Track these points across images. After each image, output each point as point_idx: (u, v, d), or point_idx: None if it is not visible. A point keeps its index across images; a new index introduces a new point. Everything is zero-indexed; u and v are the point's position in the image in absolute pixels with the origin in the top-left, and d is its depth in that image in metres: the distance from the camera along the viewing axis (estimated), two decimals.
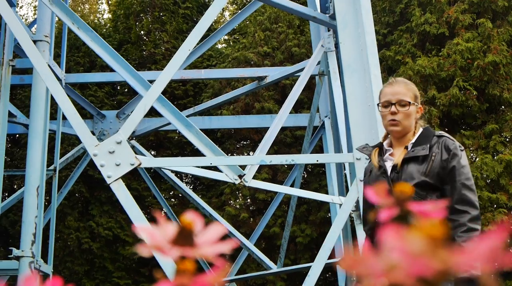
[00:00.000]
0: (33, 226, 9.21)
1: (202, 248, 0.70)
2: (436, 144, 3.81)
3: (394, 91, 3.91)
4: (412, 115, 3.89)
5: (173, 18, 17.11)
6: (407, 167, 3.76)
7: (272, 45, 16.02)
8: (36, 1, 27.25)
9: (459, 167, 3.71)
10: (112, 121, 13.16)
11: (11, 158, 16.24)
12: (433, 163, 3.73)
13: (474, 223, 3.60)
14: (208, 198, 15.42)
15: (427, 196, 3.68)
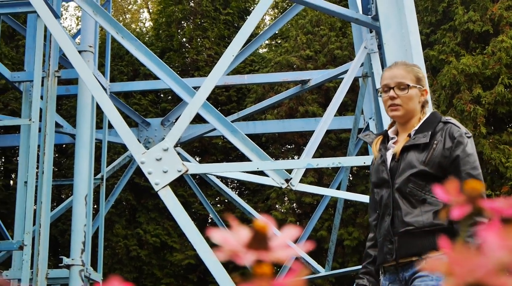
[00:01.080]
0: (82, 235, 9.30)
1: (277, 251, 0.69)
2: (440, 131, 3.55)
3: (393, 75, 3.69)
4: (414, 99, 3.64)
5: (215, 24, 17.17)
6: (407, 155, 3.54)
7: (315, 48, 15.98)
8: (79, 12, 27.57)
9: (464, 155, 3.45)
10: (157, 129, 13.24)
11: (59, 167, 16.43)
12: (434, 152, 3.49)
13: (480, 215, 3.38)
14: (254, 202, 15.43)
15: (427, 185, 3.44)
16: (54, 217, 11.65)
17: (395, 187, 3.51)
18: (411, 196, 3.46)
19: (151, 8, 28.11)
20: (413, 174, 3.46)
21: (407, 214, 3.43)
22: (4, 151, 16.90)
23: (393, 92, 3.63)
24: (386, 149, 3.68)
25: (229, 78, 12.13)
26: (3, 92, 15.58)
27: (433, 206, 3.40)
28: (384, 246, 3.54)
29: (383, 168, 3.62)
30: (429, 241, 3.35)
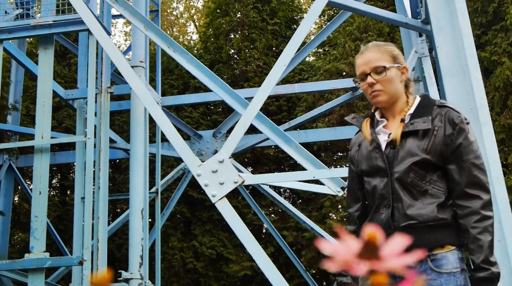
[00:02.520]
0: (139, 248, 9.37)
1: (389, 260, 0.68)
2: (438, 115, 3.26)
3: (366, 60, 3.36)
4: (395, 80, 3.33)
5: (262, 35, 17.22)
6: (406, 142, 3.22)
7: None
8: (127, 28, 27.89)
9: (467, 143, 3.19)
10: (209, 141, 13.30)
11: (113, 182, 16.60)
12: (435, 138, 3.19)
13: (487, 209, 3.13)
14: (308, 211, 15.38)
15: (427, 175, 3.18)
16: (110, 232, 11.78)
17: (395, 176, 3.21)
18: (412, 186, 3.18)
19: (197, 21, 28.33)
20: (414, 162, 3.18)
21: (409, 206, 3.16)
22: (59, 167, 17.15)
23: (371, 78, 3.32)
24: (376, 133, 3.36)
25: (279, 88, 12.14)
26: (57, 110, 15.82)
27: (435, 198, 3.17)
28: None
29: (377, 155, 3.29)
30: (434, 237, 3.14)
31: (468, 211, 3.11)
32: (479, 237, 3.06)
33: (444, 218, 3.14)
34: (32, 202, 8.47)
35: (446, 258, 3.10)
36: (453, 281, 3.08)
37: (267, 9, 17.62)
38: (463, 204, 3.13)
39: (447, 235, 3.14)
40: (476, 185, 3.14)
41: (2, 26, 9.07)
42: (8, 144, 10.16)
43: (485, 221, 3.10)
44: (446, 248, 3.12)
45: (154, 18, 12.30)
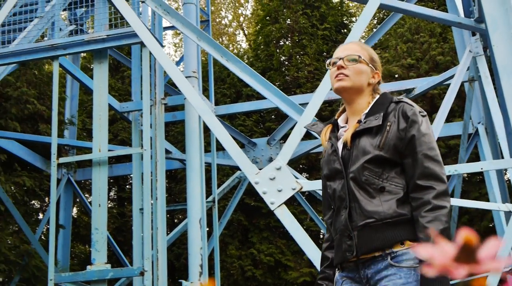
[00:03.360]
0: (199, 258, 9.42)
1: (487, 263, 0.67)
2: (393, 111, 3.20)
3: (345, 48, 3.41)
4: (364, 75, 3.31)
5: (313, 40, 17.20)
6: (359, 141, 3.18)
7: (416, 56, 15.76)
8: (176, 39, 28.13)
9: (419, 135, 3.11)
10: (263, 148, 13.33)
11: (169, 193, 16.72)
12: (388, 134, 3.14)
13: (440, 199, 3.01)
14: None
15: (384, 172, 3.11)
16: (169, 242, 11.87)
17: (349, 176, 3.16)
18: (367, 184, 3.11)
19: (246, 29, 28.43)
20: (367, 160, 3.12)
21: (365, 205, 3.09)
22: (116, 180, 17.35)
23: (342, 61, 3.30)
24: (337, 138, 3.34)
25: (332, 92, 12.08)
26: (112, 123, 16.01)
27: (393, 194, 3.08)
28: (343, 242, 3.18)
29: (335, 158, 3.27)
30: (393, 234, 3.04)
31: (420, 202, 3.02)
32: (427, 225, 2.94)
33: (403, 213, 3.05)
34: (92, 215, 8.58)
35: (407, 254, 2.99)
36: (413, 275, 2.96)
37: (316, 14, 17.59)
38: (416, 196, 3.04)
39: (407, 231, 3.04)
40: (428, 176, 3.05)
41: (57, 42, 9.23)
42: (67, 158, 10.32)
43: (436, 210, 2.97)
44: (406, 245, 3.02)
45: (205, 28, 12.40)
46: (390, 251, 3.02)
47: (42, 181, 13.03)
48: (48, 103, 12.76)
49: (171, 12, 8.22)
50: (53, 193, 8.78)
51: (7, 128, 12.02)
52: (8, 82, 12.26)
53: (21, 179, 12.24)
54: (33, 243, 11.95)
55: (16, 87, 12.36)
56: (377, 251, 3.05)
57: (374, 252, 3.06)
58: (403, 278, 2.96)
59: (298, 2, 17.60)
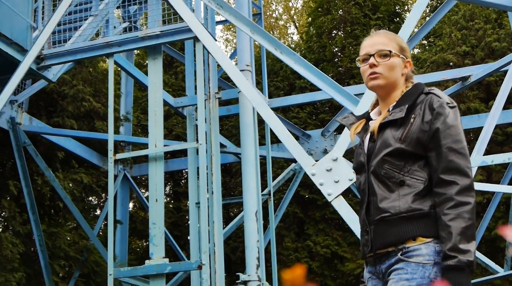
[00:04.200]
0: (256, 250, 9.42)
1: None
2: (420, 103, 3.08)
3: (373, 42, 3.24)
4: (397, 68, 3.18)
5: (366, 30, 17.04)
6: (383, 133, 3.09)
7: (471, 43, 15.51)
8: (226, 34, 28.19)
9: (444, 128, 2.98)
10: (318, 140, 13.29)
11: (225, 186, 16.77)
12: (411, 127, 3.02)
13: (464, 195, 2.89)
14: None
15: (405, 166, 3.01)
16: (225, 235, 11.91)
17: (370, 170, 3.10)
18: (387, 178, 3.03)
19: (297, 21, 28.34)
20: (387, 153, 3.03)
21: (383, 199, 3.02)
22: (172, 174, 17.46)
23: (373, 59, 3.18)
24: (367, 131, 3.25)
25: None
26: (166, 118, 16.12)
27: (412, 188, 2.98)
28: (362, 237, 3.14)
29: (360, 151, 3.22)
30: (406, 229, 2.95)
31: (443, 198, 2.91)
32: (449, 223, 2.85)
33: (419, 208, 2.96)
34: (150, 210, 8.64)
35: (419, 250, 2.92)
36: (420, 271, 2.89)
37: (368, 4, 17.45)
38: (439, 191, 2.94)
39: (421, 226, 2.94)
40: (452, 170, 2.93)
41: (112, 40, 9.31)
42: (123, 154, 10.40)
43: (459, 207, 2.87)
44: (418, 241, 2.93)
45: (258, 21, 12.39)
46: (402, 247, 2.95)
47: (99, 177, 13.19)
48: (103, 101, 12.91)
49: (224, 6, 8.22)
50: (110, 189, 8.86)
51: (64, 126, 12.19)
52: (64, 81, 12.44)
53: (78, 176, 12.42)
54: (91, 239, 12.11)
55: (72, 86, 12.53)
56: (391, 246, 2.99)
57: (387, 247, 3.00)
58: (409, 273, 2.90)
59: None
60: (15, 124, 11.04)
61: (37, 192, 11.60)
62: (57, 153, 12.25)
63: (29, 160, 11.32)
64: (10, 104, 11.02)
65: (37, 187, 11.64)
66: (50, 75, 10.26)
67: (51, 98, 12.69)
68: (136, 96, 16.34)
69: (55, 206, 12.53)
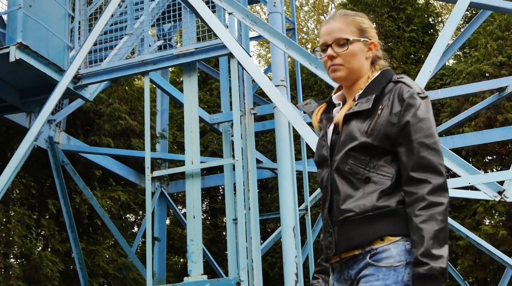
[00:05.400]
0: (294, 266, 9.37)
1: None
2: (388, 93, 2.82)
3: (329, 29, 2.96)
4: (359, 55, 2.91)
5: (400, 43, 17.01)
6: (348, 126, 2.82)
7: (507, 53, 15.37)
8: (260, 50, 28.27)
9: (415, 121, 2.72)
10: None
11: (261, 202, 16.78)
12: (378, 119, 2.76)
13: (436, 195, 2.65)
14: (460, 219, 14.97)
15: (371, 161, 2.76)
16: (263, 251, 11.88)
17: (334, 165, 2.82)
18: (351, 174, 2.77)
19: None
20: (352, 147, 2.77)
21: (346, 198, 2.76)
22: (208, 191, 17.51)
23: (331, 50, 2.91)
24: (330, 120, 2.98)
25: None
26: (202, 135, 16.18)
27: (378, 185, 2.74)
28: (325, 239, 2.88)
29: (323, 143, 2.94)
30: (373, 229, 2.71)
31: (414, 198, 2.66)
32: (421, 226, 2.61)
33: (386, 205, 2.71)
34: (187, 227, 8.66)
35: (388, 251, 2.68)
36: (392, 276, 2.65)
37: (402, 16, 17.40)
38: (410, 190, 2.69)
39: (389, 224, 2.70)
40: (424, 168, 2.68)
41: (148, 58, 9.38)
42: (161, 172, 10.47)
43: (432, 208, 2.63)
44: (387, 240, 2.69)
45: (291, 36, 12.39)
46: (369, 248, 2.71)
47: (136, 194, 13.27)
48: (139, 118, 13.01)
49: (258, 22, 8.24)
50: (148, 206, 8.91)
51: (101, 145, 12.30)
52: (101, 99, 12.56)
53: (116, 194, 12.50)
54: (130, 256, 12.16)
55: (109, 104, 12.64)
56: (357, 248, 2.74)
57: (354, 250, 2.75)
58: (380, 279, 2.66)
59: (383, 5, 17.44)
60: (53, 143, 11.16)
61: (75, 210, 11.69)
62: (95, 171, 12.35)
63: (67, 178, 11.42)
64: (48, 124, 11.14)
65: (75, 205, 11.73)
66: (87, 94, 10.36)
67: (88, 117, 12.82)
68: (172, 113, 16.44)
69: (93, 224, 12.62)
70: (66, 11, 10.60)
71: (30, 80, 10.12)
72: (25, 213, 11.03)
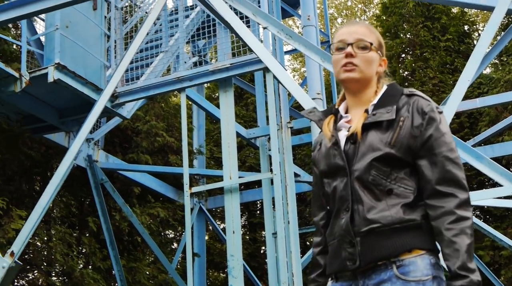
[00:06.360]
0: None
1: None
2: (405, 105, 2.80)
3: (352, 30, 2.93)
4: (374, 63, 2.91)
5: (435, 52, 16.89)
6: (367, 136, 2.77)
7: None
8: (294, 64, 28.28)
9: (438, 135, 2.73)
10: None
11: (300, 216, 16.71)
12: (400, 130, 2.74)
13: (464, 209, 2.65)
14: (503, 228, 14.76)
15: (392, 173, 2.74)
16: (302, 265, 11.81)
17: (354, 175, 2.77)
18: (374, 185, 2.73)
19: None
20: (376, 158, 2.73)
21: (370, 208, 2.72)
22: (246, 206, 17.50)
23: (351, 48, 2.88)
24: (337, 129, 2.91)
25: (460, 104, 11.81)
26: (239, 150, 16.20)
27: (401, 198, 2.71)
28: (342, 250, 2.78)
29: (336, 152, 2.85)
30: (401, 241, 2.67)
31: (442, 212, 2.65)
32: (454, 239, 2.60)
33: (412, 218, 2.69)
34: (227, 242, 8.65)
35: (415, 264, 2.64)
36: None
37: (437, 26, 17.29)
38: (436, 204, 2.68)
39: (416, 237, 2.68)
40: (450, 182, 2.68)
41: (184, 74, 9.43)
42: (199, 187, 10.48)
43: (461, 222, 2.62)
44: (414, 253, 2.66)
45: (326, 49, 12.38)
46: (395, 259, 2.66)
47: (175, 211, 13.31)
48: (176, 135, 13.06)
49: (293, 36, 8.24)
50: (187, 222, 8.92)
51: (139, 162, 12.36)
52: (138, 117, 12.64)
53: (155, 210, 12.55)
54: (170, 273, 12.18)
55: (146, 121, 12.72)
56: (383, 259, 2.68)
57: (378, 261, 2.69)
58: None
59: (417, 16, 17.35)
60: (92, 161, 11.24)
61: (115, 227, 11.76)
62: (134, 188, 12.42)
63: (106, 196, 11.50)
64: (87, 143, 11.23)
65: (115, 223, 11.80)
66: (124, 112, 10.44)
67: (125, 134, 12.90)
68: (208, 129, 16.49)
69: (133, 241, 12.67)
70: (102, 30, 10.71)
71: (68, 100, 10.22)
72: (66, 231, 11.12)
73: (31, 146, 11.00)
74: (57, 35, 9.59)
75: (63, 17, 9.83)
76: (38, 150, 11.24)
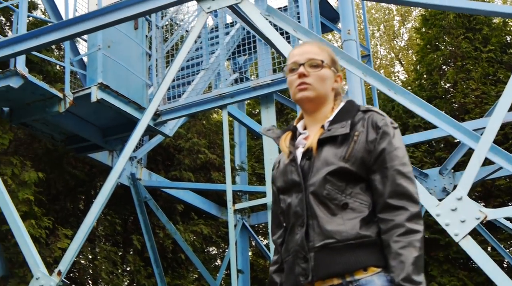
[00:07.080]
0: None
1: None
2: (361, 120, 2.81)
3: (303, 51, 2.98)
4: (328, 82, 2.93)
5: (478, 64, 16.72)
6: (322, 151, 2.78)
7: None
8: None
9: (391, 149, 2.73)
10: (436, 179, 13.01)
11: None
12: (355, 145, 2.74)
13: (414, 222, 2.63)
14: None
15: (347, 187, 2.72)
16: None
17: (310, 190, 2.76)
18: (329, 200, 2.71)
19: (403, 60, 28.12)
20: (330, 172, 2.72)
21: (325, 223, 2.69)
22: None
23: (303, 68, 2.92)
24: (295, 147, 2.93)
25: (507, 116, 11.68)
26: None
27: (356, 212, 2.69)
28: (296, 265, 2.76)
29: (293, 168, 2.86)
30: (355, 258, 2.63)
31: (392, 225, 2.63)
32: (401, 252, 2.57)
33: (368, 235, 2.66)
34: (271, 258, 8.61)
35: (372, 283, 2.61)
36: None
37: (479, 37, 17.12)
38: (386, 218, 2.66)
39: (372, 255, 2.65)
40: (400, 195, 2.67)
41: (225, 91, 9.47)
42: (242, 204, 10.49)
43: (410, 234, 2.60)
44: (370, 271, 2.62)
45: (367, 63, 12.35)
46: (351, 279, 2.63)
47: (218, 227, 13.32)
48: (218, 152, 13.10)
49: (334, 50, 8.19)
50: (231, 238, 8.92)
51: (182, 179, 12.42)
52: (180, 135, 12.70)
53: (198, 227, 12.58)
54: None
55: (188, 139, 12.78)
56: (336, 276, 2.65)
57: (332, 279, 2.65)
58: None
59: (458, 27, 17.22)
60: (136, 180, 11.31)
61: (159, 245, 11.80)
62: (177, 206, 12.46)
63: (150, 214, 11.55)
64: (130, 161, 11.31)
65: (159, 240, 11.85)
66: (166, 130, 10.50)
67: (168, 152, 12.97)
68: (250, 145, 16.50)
69: (177, 258, 12.70)
70: (143, 49, 10.81)
71: (111, 119, 10.31)
72: (111, 249, 11.20)
73: (75, 165, 11.11)
74: (100, 55, 9.69)
75: (105, 37, 9.94)
76: (82, 169, 11.35)
